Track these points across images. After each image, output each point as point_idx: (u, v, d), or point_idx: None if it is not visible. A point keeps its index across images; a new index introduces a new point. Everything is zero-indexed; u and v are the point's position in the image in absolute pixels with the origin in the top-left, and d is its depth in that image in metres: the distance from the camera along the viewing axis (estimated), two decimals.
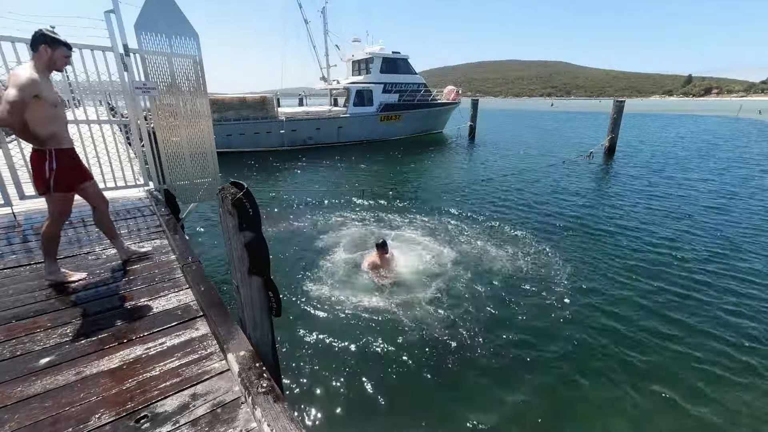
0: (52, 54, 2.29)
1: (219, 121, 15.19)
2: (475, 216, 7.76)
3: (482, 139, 22.57)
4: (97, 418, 1.48)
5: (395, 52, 21.14)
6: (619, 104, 14.78)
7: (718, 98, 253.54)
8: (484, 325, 4.12)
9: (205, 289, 2.35)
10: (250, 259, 1.78)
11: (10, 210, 3.60)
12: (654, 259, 5.78)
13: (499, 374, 3.46)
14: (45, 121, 2.27)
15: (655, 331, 4.08)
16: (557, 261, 5.65)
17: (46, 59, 2.28)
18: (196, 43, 3.60)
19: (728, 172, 12.40)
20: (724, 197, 9.30)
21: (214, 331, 2.01)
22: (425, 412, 3.05)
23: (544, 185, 10.65)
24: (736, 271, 5.38)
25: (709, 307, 4.53)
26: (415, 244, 6.15)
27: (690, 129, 29.30)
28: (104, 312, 2.21)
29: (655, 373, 3.49)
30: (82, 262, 2.81)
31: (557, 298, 4.66)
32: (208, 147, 3.89)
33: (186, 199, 3.93)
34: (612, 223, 7.39)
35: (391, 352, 3.67)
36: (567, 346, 3.82)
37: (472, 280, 5.01)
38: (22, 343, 1.91)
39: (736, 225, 7.31)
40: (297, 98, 32.98)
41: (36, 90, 2.15)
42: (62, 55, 2.33)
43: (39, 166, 2.34)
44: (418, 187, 10.71)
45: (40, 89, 2.19)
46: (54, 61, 2.32)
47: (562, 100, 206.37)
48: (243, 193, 1.69)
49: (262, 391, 1.57)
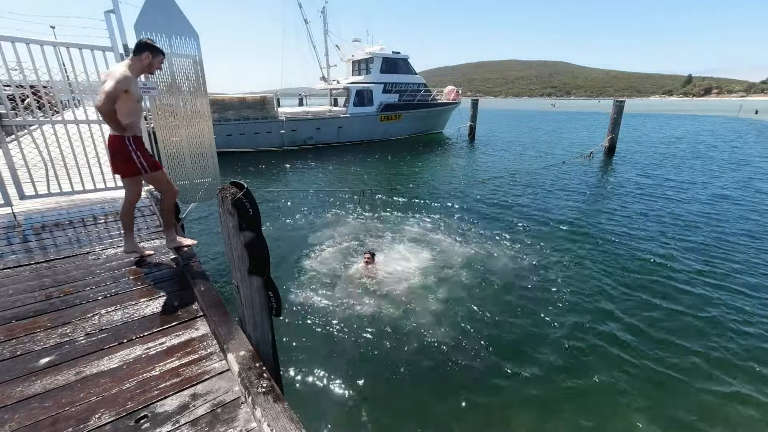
0: (152, 60, 2.66)
1: (219, 121, 15.19)
2: (475, 216, 7.75)
3: (482, 139, 22.57)
4: (97, 418, 1.48)
5: (395, 52, 21.13)
6: (619, 104, 14.77)
7: (718, 98, 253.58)
8: (484, 326, 4.12)
9: (205, 289, 2.35)
10: (250, 259, 1.78)
11: (10, 210, 3.59)
12: (653, 258, 5.78)
13: (499, 376, 3.46)
14: (129, 112, 2.61)
15: (653, 331, 4.08)
16: (556, 262, 5.65)
17: (146, 63, 2.65)
18: (196, 43, 3.60)
19: (727, 172, 12.41)
20: (723, 197, 9.30)
21: (214, 331, 2.01)
22: (425, 412, 3.05)
23: (544, 185, 10.64)
24: (736, 272, 5.38)
25: (714, 309, 4.53)
26: (414, 245, 6.15)
27: (689, 129, 29.30)
28: (104, 312, 2.21)
29: (658, 374, 3.49)
30: (82, 262, 2.81)
31: (553, 299, 4.66)
32: (208, 147, 3.88)
33: (186, 199, 3.92)
34: (612, 224, 7.38)
35: (391, 353, 3.67)
36: (564, 349, 3.82)
37: (472, 281, 5.01)
38: (22, 343, 1.91)
39: (736, 225, 7.31)
40: (297, 98, 32.97)
41: (127, 85, 2.49)
42: (158, 61, 2.72)
43: (121, 150, 2.65)
44: (417, 187, 10.70)
45: (130, 85, 2.53)
46: (151, 65, 2.69)
47: (562, 100, 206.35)
48: (243, 193, 1.69)
49: (262, 391, 1.57)
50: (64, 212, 3.91)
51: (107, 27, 3.62)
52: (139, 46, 2.63)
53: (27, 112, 4.35)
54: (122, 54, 3.77)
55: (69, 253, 2.95)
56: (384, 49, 21.12)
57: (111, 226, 3.58)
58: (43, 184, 4.07)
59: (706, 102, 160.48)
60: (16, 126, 3.74)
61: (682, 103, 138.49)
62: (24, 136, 7.22)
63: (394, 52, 20.99)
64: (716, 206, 8.57)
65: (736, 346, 3.83)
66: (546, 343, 3.86)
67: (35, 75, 3.52)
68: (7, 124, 3.63)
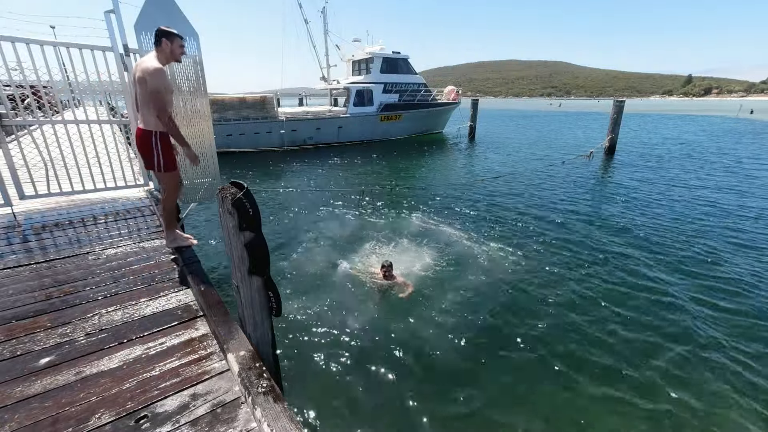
0: (173, 46, 2.64)
1: (219, 121, 15.18)
2: (475, 216, 7.75)
3: (482, 139, 22.56)
4: (97, 418, 1.48)
5: (395, 51, 21.12)
6: (619, 104, 14.76)
7: (718, 98, 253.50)
8: (483, 327, 4.11)
9: (205, 289, 2.35)
10: (250, 259, 1.78)
11: (10, 210, 3.60)
12: (652, 259, 5.78)
13: (499, 377, 3.46)
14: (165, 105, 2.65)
15: (653, 329, 4.08)
16: (556, 262, 5.64)
17: (168, 51, 2.63)
18: (196, 43, 3.60)
19: (725, 173, 12.41)
20: (724, 197, 9.31)
21: (214, 331, 2.01)
22: (425, 412, 3.05)
23: (544, 185, 10.64)
24: (739, 273, 5.38)
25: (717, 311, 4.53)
26: (414, 245, 6.14)
27: (689, 129, 29.29)
28: (104, 312, 2.21)
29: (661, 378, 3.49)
30: (82, 262, 2.81)
31: (552, 299, 4.66)
32: (208, 147, 3.88)
33: (186, 199, 3.92)
34: (612, 223, 7.38)
35: (391, 353, 3.67)
36: (567, 350, 3.82)
37: (472, 281, 5.00)
38: (22, 343, 1.91)
39: (734, 224, 7.31)
40: (297, 98, 32.96)
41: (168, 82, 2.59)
42: (179, 45, 2.67)
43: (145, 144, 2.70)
44: (417, 187, 10.70)
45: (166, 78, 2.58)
46: (173, 51, 2.66)
47: (561, 100, 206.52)
48: (243, 193, 1.69)
49: (262, 391, 1.57)
50: (64, 212, 3.91)
51: (107, 27, 3.62)
52: (156, 36, 2.63)
53: (27, 112, 4.36)
54: (122, 54, 3.77)
55: (69, 253, 2.95)
56: (384, 49, 21.11)
57: (111, 226, 3.59)
58: (43, 184, 4.07)
59: (706, 102, 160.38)
60: (16, 126, 3.74)
61: (682, 104, 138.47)
62: (24, 136, 7.23)
63: (394, 52, 20.99)
64: (715, 206, 8.57)
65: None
66: (547, 344, 3.86)
67: (35, 75, 3.52)
68: (7, 124, 3.63)
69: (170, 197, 2.97)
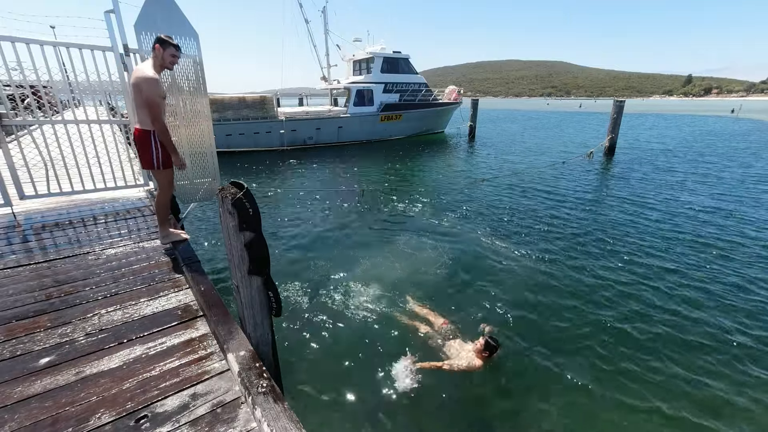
0: (163, 53, 2.71)
1: (219, 121, 15.18)
2: (475, 215, 7.75)
3: (482, 139, 22.55)
4: (97, 418, 1.48)
5: (396, 51, 21.11)
6: (619, 104, 14.75)
7: (718, 98, 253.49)
8: (481, 325, 4.11)
9: (205, 289, 2.35)
10: (250, 259, 1.78)
11: (10, 210, 3.60)
12: (652, 259, 5.78)
13: (498, 378, 3.46)
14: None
15: (651, 330, 4.09)
16: (555, 262, 5.64)
17: (159, 58, 2.73)
18: (196, 43, 3.60)
19: (724, 173, 12.41)
20: (724, 196, 9.31)
21: (214, 331, 2.01)
22: (426, 412, 3.05)
23: (544, 185, 10.63)
24: (738, 273, 5.38)
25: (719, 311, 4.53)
26: (414, 244, 6.14)
27: (688, 129, 29.28)
28: (104, 312, 2.21)
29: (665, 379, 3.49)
30: (82, 262, 2.81)
31: (553, 300, 4.66)
32: (208, 147, 3.88)
33: (186, 199, 3.92)
34: (613, 223, 7.38)
35: (392, 353, 3.66)
36: (569, 352, 3.82)
37: (471, 281, 5.01)
38: (22, 343, 1.91)
39: (733, 224, 7.31)
40: (297, 98, 32.95)
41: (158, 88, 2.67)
42: (170, 55, 2.74)
43: (144, 143, 2.79)
44: (417, 187, 10.70)
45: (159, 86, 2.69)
46: (164, 59, 2.74)
47: (561, 100, 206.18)
48: (243, 193, 1.69)
49: (262, 391, 1.57)
50: (64, 212, 3.91)
51: (107, 27, 3.62)
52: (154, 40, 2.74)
53: (27, 112, 4.35)
54: (122, 54, 3.77)
55: (69, 253, 2.95)
56: (385, 49, 21.09)
57: (111, 226, 3.59)
58: (43, 184, 4.07)
59: (707, 102, 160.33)
60: (16, 126, 3.74)
61: (681, 103, 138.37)
62: (24, 136, 7.23)
63: (394, 52, 20.97)
64: (717, 204, 8.56)
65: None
66: (546, 343, 3.86)
67: (35, 75, 3.52)
68: (7, 124, 3.63)
69: (163, 194, 3.04)
